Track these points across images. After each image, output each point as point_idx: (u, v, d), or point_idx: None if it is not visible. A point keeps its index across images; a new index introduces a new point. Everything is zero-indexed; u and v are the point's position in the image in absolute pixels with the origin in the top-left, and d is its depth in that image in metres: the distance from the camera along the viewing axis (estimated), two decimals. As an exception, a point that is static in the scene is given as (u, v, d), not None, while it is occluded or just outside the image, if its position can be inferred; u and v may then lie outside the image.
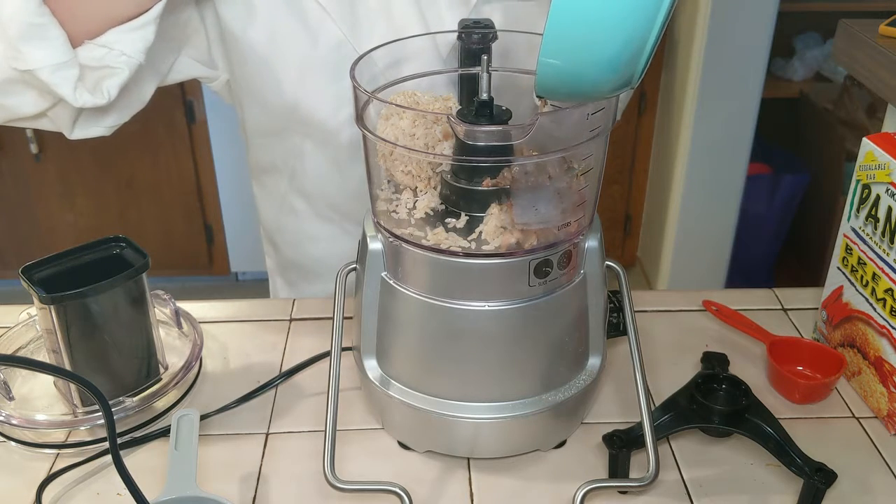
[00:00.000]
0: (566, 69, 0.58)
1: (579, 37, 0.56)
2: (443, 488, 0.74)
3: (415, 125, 0.71)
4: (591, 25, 0.55)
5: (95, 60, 0.78)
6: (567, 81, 0.59)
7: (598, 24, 0.55)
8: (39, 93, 0.80)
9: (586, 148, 0.68)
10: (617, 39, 0.56)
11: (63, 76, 0.77)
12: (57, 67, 0.76)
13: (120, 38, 0.78)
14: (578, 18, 0.55)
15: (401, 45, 0.82)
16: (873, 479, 0.75)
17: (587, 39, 0.56)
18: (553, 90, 0.61)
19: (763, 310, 0.97)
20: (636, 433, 0.74)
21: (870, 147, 0.80)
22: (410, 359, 0.74)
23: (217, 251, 2.85)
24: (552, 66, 0.58)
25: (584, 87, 0.60)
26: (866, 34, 0.98)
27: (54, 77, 0.76)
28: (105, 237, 0.82)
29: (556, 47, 0.57)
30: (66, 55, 0.76)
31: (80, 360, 0.78)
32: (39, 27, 0.74)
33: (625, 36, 0.55)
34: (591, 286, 0.74)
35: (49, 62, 0.76)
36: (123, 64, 0.79)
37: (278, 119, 0.94)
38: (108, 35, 0.78)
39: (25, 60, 0.75)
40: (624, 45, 0.56)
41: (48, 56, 0.75)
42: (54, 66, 0.76)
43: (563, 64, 0.57)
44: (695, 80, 2.27)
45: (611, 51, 0.56)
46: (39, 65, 0.75)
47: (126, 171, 2.65)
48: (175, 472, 0.69)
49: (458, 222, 0.69)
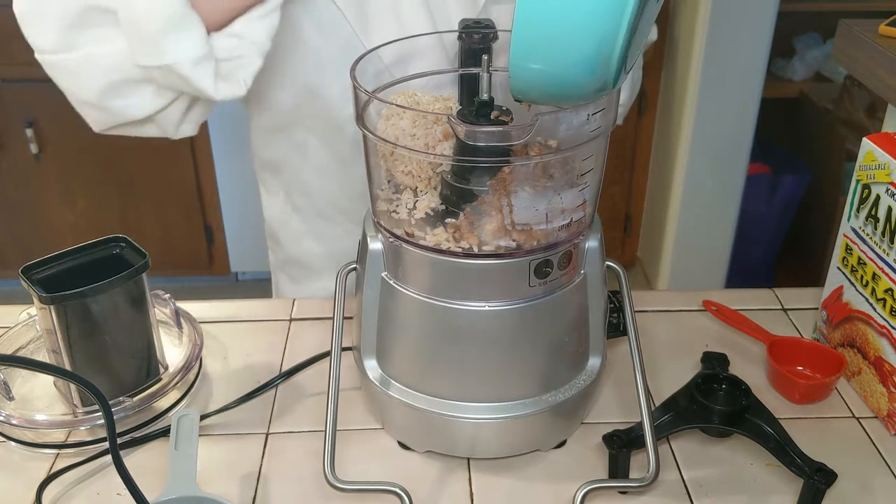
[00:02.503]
0: (536, 71, 0.58)
1: (545, 38, 0.56)
2: (443, 488, 0.74)
3: (415, 125, 0.71)
4: (555, 26, 0.55)
5: (227, 51, 0.78)
6: (538, 84, 0.59)
7: (563, 25, 0.55)
8: (156, 92, 0.79)
9: (586, 148, 0.68)
10: (583, 40, 0.55)
11: (203, 69, 0.76)
12: (198, 61, 0.75)
13: (249, 28, 0.78)
14: (542, 19, 0.55)
15: (408, 43, 0.82)
16: (873, 479, 0.75)
17: (553, 40, 0.56)
18: (526, 93, 0.61)
19: (763, 310, 0.97)
20: (636, 433, 0.74)
21: (870, 147, 0.80)
22: (410, 359, 0.74)
23: (217, 251, 2.84)
24: (521, 68, 0.58)
25: (557, 89, 0.60)
26: (866, 34, 0.98)
27: (195, 70, 0.76)
28: (105, 237, 0.82)
29: (523, 49, 0.56)
30: (205, 48, 0.75)
31: (80, 360, 0.78)
32: (181, 19, 0.73)
33: (591, 36, 0.55)
34: (591, 286, 0.74)
35: (190, 55, 0.75)
36: (255, 52, 0.79)
37: (284, 115, 0.94)
38: (237, 25, 0.77)
39: (165, 54, 0.74)
40: (590, 46, 0.56)
41: (189, 49, 0.74)
42: (195, 59, 0.75)
43: (532, 66, 0.57)
44: (695, 80, 2.26)
45: (578, 51, 0.56)
46: (180, 58, 0.74)
47: (126, 171, 2.65)
48: (175, 472, 0.69)
49: (458, 222, 0.69)
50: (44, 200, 2.69)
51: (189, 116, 0.86)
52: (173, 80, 0.78)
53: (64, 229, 2.74)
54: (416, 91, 0.77)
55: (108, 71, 0.78)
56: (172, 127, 0.85)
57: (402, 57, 0.85)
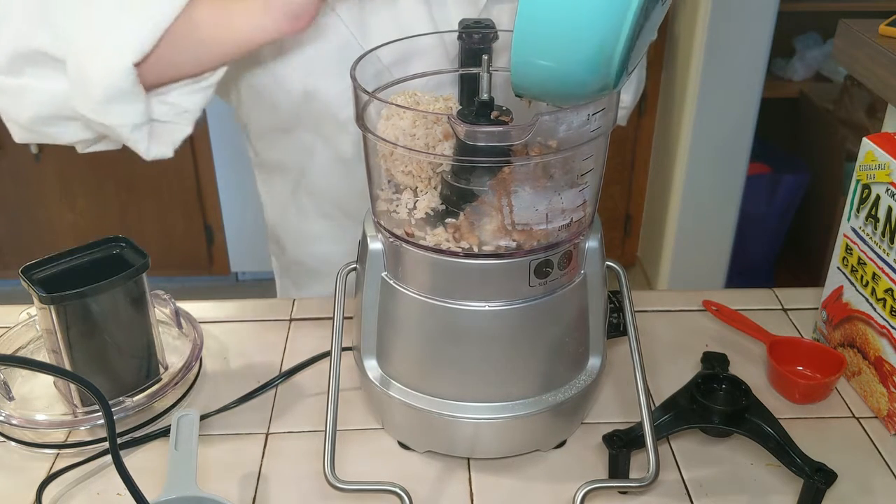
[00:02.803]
0: (537, 67, 0.58)
1: (547, 34, 0.56)
2: (443, 488, 0.74)
3: (415, 125, 0.71)
4: (558, 22, 0.55)
5: (161, 115, 0.82)
6: (539, 80, 0.59)
7: (566, 22, 0.55)
8: (83, 127, 0.82)
9: (587, 148, 0.68)
10: (586, 38, 0.56)
11: (140, 134, 0.80)
12: (136, 127, 0.79)
13: (182, 99, 0.82)
14: (545, 16, 0.55)
15: (408, 44, 0.82)
16: (873, 479, 0.75)
17: (556, 37, 0.56)
18: (527, 88, 0.62)
19: (763, 310, 0.97)
20: (636, 433, 0.73)
21: (870, 147, 0.80)
22: (410, 359, 0.74)
23: (217, 251, 2.85)
24: (523, 63, 0.58)
25: (558, 87, 0.60)
26: (866, 34, 0.98)
27: (133, 135, 0.80)
28: (105, 237, 0.82)
29: (526, 45, 0.57)
30: (145, 115, 0.79)
31: (80, 360, 0.78)
32: (129, 92, 0.77)
33: (593, 34, 0.55)
34: (592, 286, 0.74)
35: (131, 122, 0.79)
36: (186, 120, 0.83)
37: (287, 117, 0.94)
38: (172, 94, 0.81)
39: (108, 117, 0.78)
40: (593, 44, 0.56)
41: (131, 117, 0.78)
42: (134, 126, 0.79)
43: (534, 62, 0.57)
44: (695, 80, 2.26)
45: (580, 49, 0.56)
46: (122, 123, 0.78)
47: (126, 171, 2.65)
48: (175, 472, 0.69)
49: (458, 222, 0.69)
50: (44, 200, 2.69)
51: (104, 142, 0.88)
52: (106, 132, 0.81)
53: (64, 229, 2.74)
54: (417, 91, 0.77)
55: (42, 104, 0.80)
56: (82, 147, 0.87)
57: (402, 57, 0.85)
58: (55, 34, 0.76)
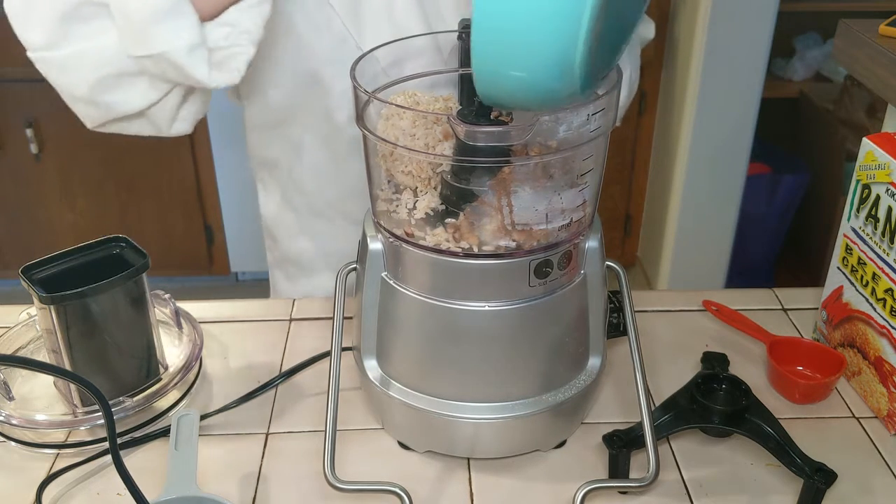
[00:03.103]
0: (498, 76, 0.57)
1: (502, 43, 0.55)
2: (443, 488, 0.74)
3: (415, 125, 0.71)
4: (512, 31, 0.54)
5: (221, 40, 0.77)
6: (503, 89, 0.58)
7: (520, 30, 0.54)
8: (149, 85, 0.79)
9: (586, 148, 0.68)
10: (540, 44, 0.54)
11: (198, 56, 0.76)
12: (191, 48, 0.75)
13: (241, 17, 0.78)
14: (498, 25, 0.54)
15: (403, 45, 0.82)
16: (873, 479, 0.75)
17: (511, 46, 0.55)
18: (493, 98, 0.60)
19: (763, 310, 0.97)
20: (636, 433, 0.73)
21: (870, 147, 0.80)
22: (410, 359, 0.74)
23: (217, 251, 2.84)
24: (483, 73, 0.57)
25: (522, 95, 0.59)
26: (866, 34, 0.98)
27: (190, 58, 0.75)
28: (105, 237, 0.82)
29: (483, 55, 0.55)
30: (199, 35, 0.75)
31: (80, 360, 0.78)
32: (174, 7, 0.73)
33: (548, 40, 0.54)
34: (591, 286, 0.74)
35: (184, 43, 0.75)
36: (247, 41, 0.79)
37: (279, 113, 0.94)
38: (229, 14, 0.77)
39: (157, 43, 0.74)
40: (549, 50, 0.54)
41: (183, 37, 0.74)
42: (189, 47, 0.75)
43: (494, 71, 0.56)
44: (695, 80, 2.26)
45: (537, 56, 0.55)
46: (174, 46, 0.74)
47: (126, 171, 2.65)
48: (175, 472, 0.69)
49: (458, 222, 0.69)
50: (44, 200, 2.69)
51: (182, 113, 0.85)
52: (167, 70, 0.78)
53: (64, 229, 2.74)
54: (416, 91, 0.77)
55: (99, 65, 0.77)
56: (166, 123, 0.85)
57: (396, 59, 0.85)
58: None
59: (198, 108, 0.87)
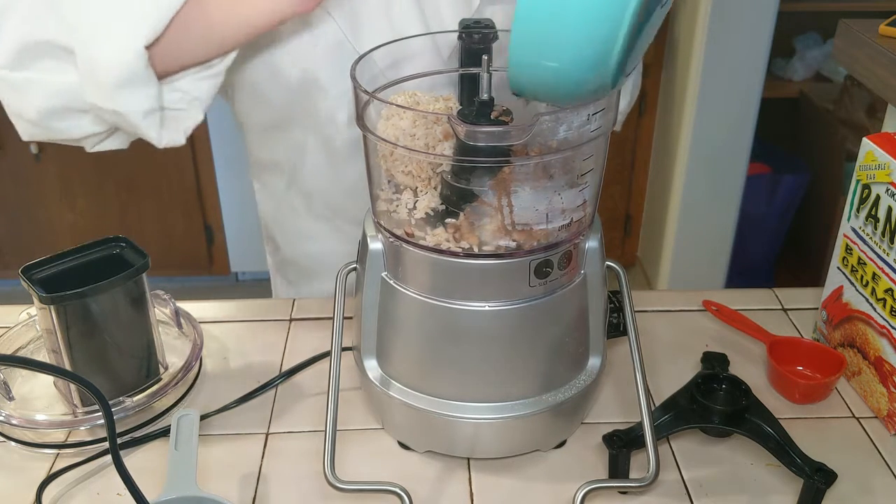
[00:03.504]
0: (534, 67, 0.58)
1: (544, 34, 0.56)
2: (443, 488, 0.74)
3: (415, 125, 0.71)
4: (555, 23, 0.55)
5: (172, 103, 0.81)
6: (536, 80, 0.59)
7: (563, 22, 0.55)
8: (95, 120, 0.81)
9: (587, 148, 0.68)
10: (583, 38, 0.55)
11: (152, 119, 0.79)
12: (147, 113, 0.79)
13: (193, 86, 0.81)
14: (542, 16, 0.55)
15: (401, 46, 0.82)
16: (873, 479, 0.75)
17: (552, 37, 0.56)
18: (524, 88, 0.61)
19: (763, 310, 0.97)
20: (636, 433, 0.73)
21: (870, 147, 0.80)
22: (410, 359, 0.74)
23: (217, 251, 2.85)
24: (519, 63, 0.58)
25: (555, 87, 0.60)
26: (866, 34, 0.98)
27: (145, 121, 0.79)
28: (105, 237, 0.82)
29: (523, 44, 0.57)
30: (156, 102, 0.79)
31: (80, 360, 0.78)
32: (141, 76, 0.76)
33: (591, 34, 0.55)
34: (592, 286, 0.74)
35: (142, 108, 0.78)
36: (196, 108, 0.82)
37: (280, 115, 0.94)
38: (182, 81, 0.81)
39: (118, 103, 0.77)
40: (590, 45, 0.56)
41: (143, 102, 0.78)
42: (145, 112, 0.78)
43: (531, 61, 0.57)
44: (695, 80, 2.26)
45: (577, 49, 0.56)
46: (133, 109, 0.77)
47: (126, 171, 2.65)
48: (175, 472, 0.69)
49: (458, 222, 0.69)
50: (44, 200, 2.69)
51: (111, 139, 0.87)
52: (118, 121, 0.80)
53: (64, 229, 2.74)
54: (417, 91, 0.77)
55: (52, 96, 0.79)
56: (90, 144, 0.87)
57: (395, 60, 0.85)
58: (63, 23, 0.76)
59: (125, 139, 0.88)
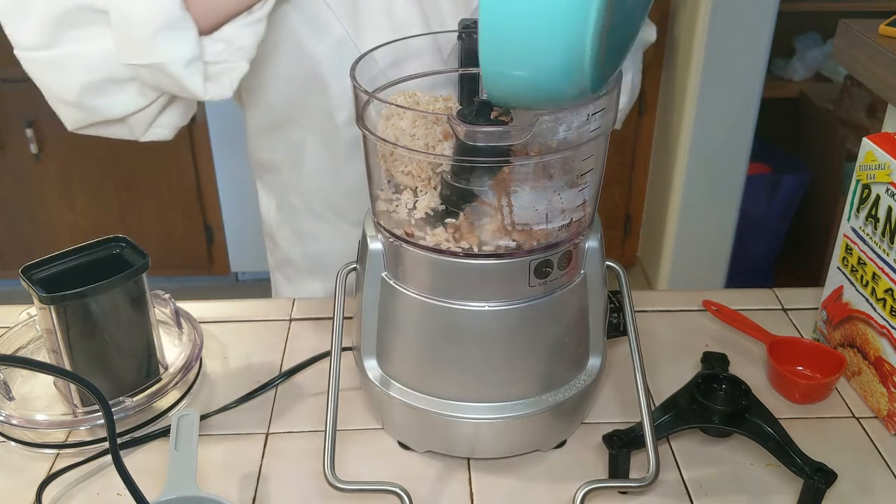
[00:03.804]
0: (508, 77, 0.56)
1: (511, 43, 0.54)
2: (443, 488, 0.74)
3: (415, 125, 0.71)
4: (520, 31, 0.54)
5: (215, 55, 0.79)
6: (512, 89, 0.58)
7: (527, 29, 0.53)
8: (138, 91, 0.80)
9: (587, 148, 0.68)
10: (549, 43, 0.54)
11: (194, 70, 0.77)
12: (189, 61, 0.76)
13: (236, 34, 0.79)
14: (506, 24, 0.53)
15: (402, 45, 0.82)
16: (873, 479, 0.75)
17: (519, 46, 0.54)
18: (502, 99, 0.60)
19: (763, 310, 0.97)
20: (636, 433, 0.73)
21: (870, 147, 0.80)
22: (410, 359, 0.74)
23: (217, 251, 2.85)
24: (492, 74, 0.56)
25: (532, 94, 0.59)
26: (866, 34, 0.98)
27: (186, 71, 0.77)
28: (105, 237, 0.82)
29: (492, 56, 0.55)
30: (197, 49, 0.76)
31: (80, 360, 0.78)
32: (176, 20, 0.74)
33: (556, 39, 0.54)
34: (592, 286, 0.74)
35: (182, 56, 0.76)
36: (241, 57, 0.80)
37: (281, 115, 0.94)
38: (225, 30, 0.78)
39: (157, 54, 0.75)
40: (557, 49, 0.54)
41: (182, 49, 0.75)
42: (187, 60, 0.76)
43: (503, 72, 0.56)
44: (695, 80, 2.26)
45: (546, 56, 0.55)
46: (173, 58, 0.75)
47: (126, 171, 2.65)
48: (175, 472, 0.69)
49: (458, 222, 0.69)
50: (44, 200, 2.69)
51: (162, 119, 0.86)
52: (161, 80, 0.78)
53: (64, 229, 2.74)
54: (416, 91, 0.77)
55: (91, 69, 0.77)
56: (142, 129, 0.85)
57: (396, 59, 0.85)
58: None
59: (178, 117, 0.87)
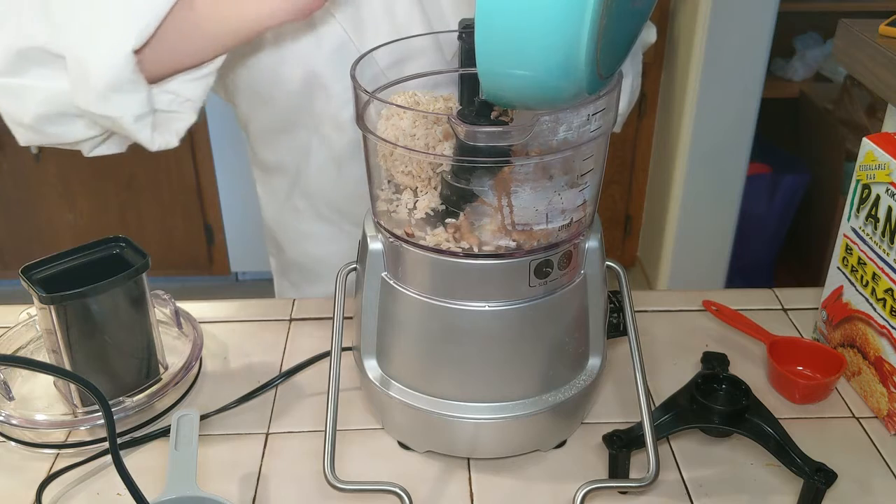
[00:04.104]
0: (504, 77, 0.56)
1: (506, 43, 0.54)
2: (443, 488, 0.74)
3: (415, 125, 0.71)
4: (515, 31, 0.54)
5: (164, 105, 0.81)
6: (509, 89, 0.58)
7: (522, 30, 0.53)
8: (88, 124, 0.82)
9: (587, 148, 0.68)
10: (544, 43, 0.54)
11: (143, 123, 0.80)
12: (139, 117, 0.79)
13: (184, 87, 0.81)
14: (501, 25, 0.53)
15: (404, 45, 0.82)
16: (873, 479, 0.75)
17: (514, 46, 0.54)
18: (499, 98, 0.60)
19: (763, 310, 0.97)
20: (636, 433, 0.73)
21: (870, 147, 0.80)
22: (410, 359, 0.74)
23: (217, 251, 2.85)
24: (489, 74, 0.56)
25: (529, 94, 0.59)
26: (866, 34, 0.98)
27: (136, 125, 0.79)
28: (105, 237, 0.82)
29: (488, 55, 0.55)
30: (147, 106, 0.79)
31: (80, 360, 0.78)
32: (130, 83, 0.76)
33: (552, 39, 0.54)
34: (592, 286, 0.74)
35: (133, 112, 0.78)
36: (188, 109, 0.82)
37: (283, 117, 0.94)
38: (173, 83, 0.81)
39: (110, 108, 0.77)
40: (553, 49, 0.54)
41: (133, 107, 0.78)
42: (137, 116, 0.79)
43: (499, 72, 0.56)
44: (695, 80, 2.27)
45: (541, 56, 0.54)
46: (124, 114, 0.78)
47: (126, 171, 2.65)
48: (175, 472, 0.69)
49: (458, 222, 0.69)
50: (44, 200, 2.69)
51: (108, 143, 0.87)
52: (110, 125, 0.81)
53: (64, 229, 2.74)
54: (417, 91, 0.77)
55: (46, 102, 0.80)
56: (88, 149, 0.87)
57: (398, 58, 0.85)
58: (55, 29, 0.76)
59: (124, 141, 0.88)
